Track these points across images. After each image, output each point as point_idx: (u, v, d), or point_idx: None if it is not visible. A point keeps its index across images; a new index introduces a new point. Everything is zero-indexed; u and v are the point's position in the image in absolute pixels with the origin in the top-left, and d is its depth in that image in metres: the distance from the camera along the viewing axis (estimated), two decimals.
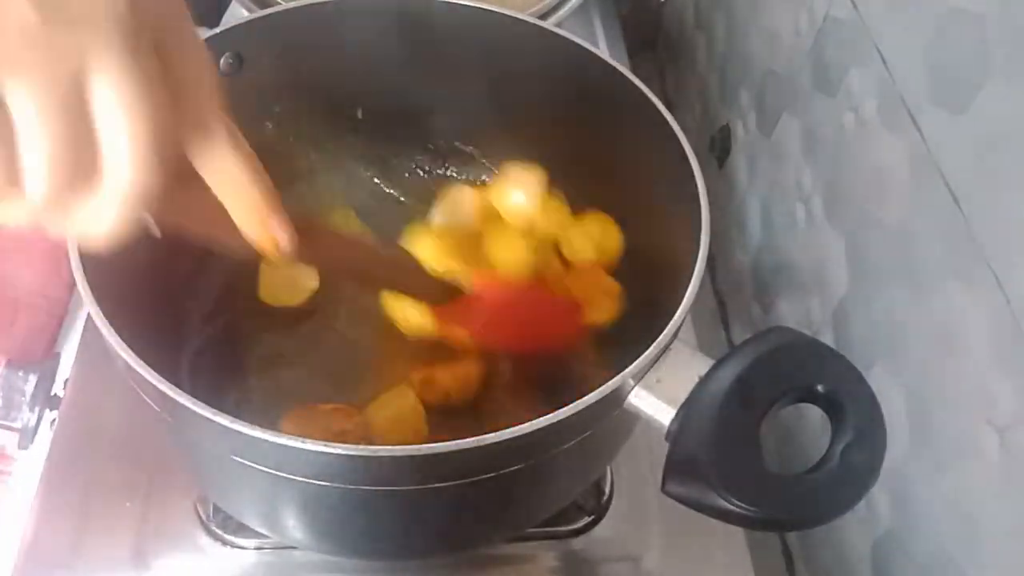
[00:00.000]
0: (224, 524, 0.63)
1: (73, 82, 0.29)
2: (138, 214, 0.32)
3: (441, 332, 0.58)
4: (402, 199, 0.74)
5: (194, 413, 0.40)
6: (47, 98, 0.28)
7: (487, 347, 0.60)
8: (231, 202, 0.38)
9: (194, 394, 0.41)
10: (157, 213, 0.35)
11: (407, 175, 0.75)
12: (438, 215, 0.69)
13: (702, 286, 0.47)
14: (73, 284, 0.45)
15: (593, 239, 0.66)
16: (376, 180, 0.74)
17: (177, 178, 0.34)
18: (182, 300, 0.64)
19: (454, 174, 0.75)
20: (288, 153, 0.69)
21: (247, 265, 0.68)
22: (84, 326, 0.74)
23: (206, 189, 0.37)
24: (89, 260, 0.45)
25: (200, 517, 0.63)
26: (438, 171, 0.75)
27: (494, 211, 0.69)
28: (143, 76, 0.30)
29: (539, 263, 0.66)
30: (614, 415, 0.45)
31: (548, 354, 0.61)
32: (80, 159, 0.30)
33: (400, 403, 0.59)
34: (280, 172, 0.69)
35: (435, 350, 0.60)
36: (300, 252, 0.41)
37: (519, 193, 0.68)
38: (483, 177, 0.75)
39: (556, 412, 0.41)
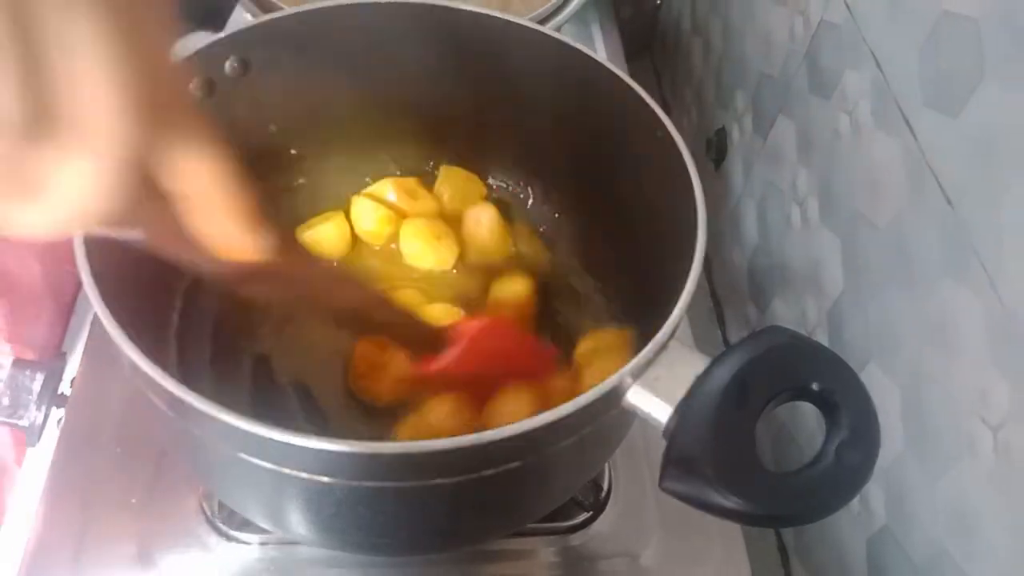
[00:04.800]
0: (229, 520, 0.63)
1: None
2: (99, 200, 0.28)
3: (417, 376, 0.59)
4: None
5: (199, 411, 0.41)
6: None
7: (455, 385, 0.59)
8: (207, 214, 0.33)
9: (199, 390, 0.41)
10: (119, 220, 0.30)
11: (407, 177, 0.75)
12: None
13: (699, 286, 0.48)
14: (79, 279, 0.45)
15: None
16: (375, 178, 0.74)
17: (144, 183, 0.29)
18: (189, 298, 0.65)
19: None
20: (291, 157, 0.70)
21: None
22: (91, 324, 0.74)
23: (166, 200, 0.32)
24: (96, 259, 0.46)
25: (205, 513, 0.63)
26: (437, 172, 0.75)
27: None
28: (118, 20, 0.26)
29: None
30: (612, 413, 0.46)
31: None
32: (37, 90, 0.25)
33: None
34: (283, 175, 0.71)
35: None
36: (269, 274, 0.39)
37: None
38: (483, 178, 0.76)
39: (555, 409, 0.42)
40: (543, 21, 0.84)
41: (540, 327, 0.67)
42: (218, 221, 0.34)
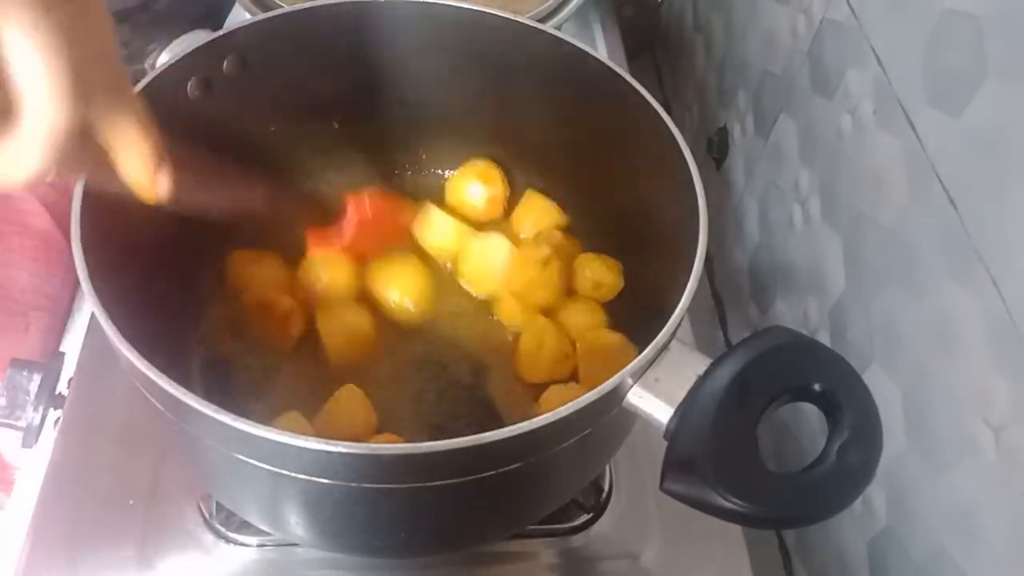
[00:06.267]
0: (227, 522, 0.63)
1: None
2: (54, 155, 0.36)
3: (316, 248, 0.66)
4: None
5: (197, 411, 0.41)
6: None
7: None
8: (126, 155, 0.42)
9: (196, 391, 0.41)
10: (64, 161, 0.38)
11: (408, 176, 0.75)
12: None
13: (700, 286, 0.48)
14: (74, 282, 0.45)
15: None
16: (378, 180, 0.74)
17: (83, 132, 0.38)
18: (186, 298, 0.65)
19: (454, 176, 0.76)
20: (290, 154, 0.70)
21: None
22: (88, 325, 0.74)
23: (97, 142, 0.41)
24: (93, 260, 0.46)
25: (203, 515, 0.63)
26: (438, 172, 0.75)
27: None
28: (56, 24, 0.34)
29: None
30: (613, 414, 0.46)
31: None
32: None
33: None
34: (282, 172, 0.71)
35: None
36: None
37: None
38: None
39: (556, 411, 0.42)
40: (544, 19, 0.83)
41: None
42: (136, 164, 0.42)
